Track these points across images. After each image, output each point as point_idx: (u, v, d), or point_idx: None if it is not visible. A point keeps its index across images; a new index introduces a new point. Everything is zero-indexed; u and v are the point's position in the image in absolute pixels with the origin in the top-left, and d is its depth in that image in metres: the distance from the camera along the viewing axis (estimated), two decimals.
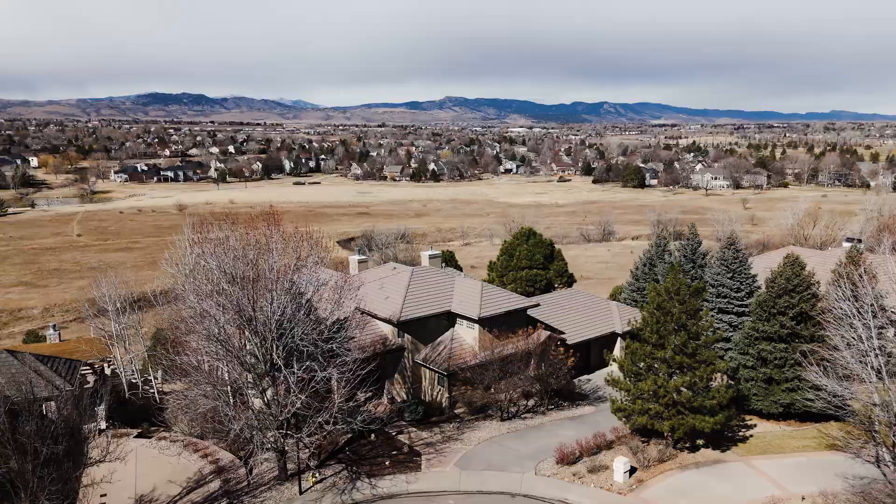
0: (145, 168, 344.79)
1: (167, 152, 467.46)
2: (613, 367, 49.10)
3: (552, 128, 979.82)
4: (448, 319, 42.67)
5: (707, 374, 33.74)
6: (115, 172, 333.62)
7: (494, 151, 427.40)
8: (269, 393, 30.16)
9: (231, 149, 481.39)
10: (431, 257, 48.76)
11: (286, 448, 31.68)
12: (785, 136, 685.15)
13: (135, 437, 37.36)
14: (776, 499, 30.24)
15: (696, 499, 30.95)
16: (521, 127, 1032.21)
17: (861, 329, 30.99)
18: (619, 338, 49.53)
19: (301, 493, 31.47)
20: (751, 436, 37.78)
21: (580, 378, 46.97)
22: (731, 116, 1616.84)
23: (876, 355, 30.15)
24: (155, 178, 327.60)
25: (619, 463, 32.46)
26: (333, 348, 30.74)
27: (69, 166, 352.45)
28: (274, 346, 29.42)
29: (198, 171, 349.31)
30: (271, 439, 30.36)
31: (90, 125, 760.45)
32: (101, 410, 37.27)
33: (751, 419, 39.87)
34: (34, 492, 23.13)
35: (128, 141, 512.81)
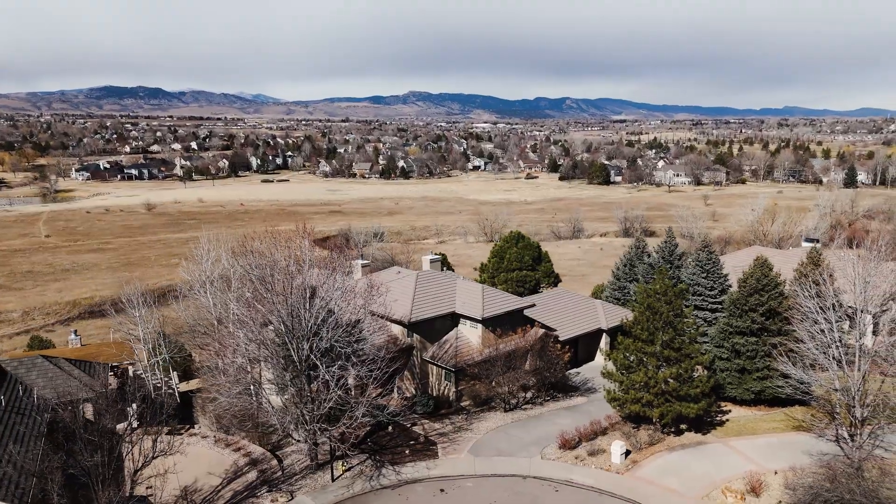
0: (107, 166, 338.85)
1: (127, 149, 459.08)
2: (599, 362, 53.41)
3: (516, 123, 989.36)
4: (452, 320, 46.16)
5: (691, 366, 37.99)
6: (77, 170, 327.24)
7: (462, 148, 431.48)
8: (304, 390, 33.18)
9: (194, 145, 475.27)
10: (432, 261, 52.11)
11: (318, 440, 34.73)
12: (741, 131, 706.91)
13: (166, 434, 39.80)
14: (752, 473, 34.54)
15: (684, 476, 35.15)
16: (485, 122, 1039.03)
17: (824, 324, 35.56)
18: (604, 334, 53.69)
19: (333, 480, 34.66)
20: (727, 420, 42.25)
21: (569, 371, 50.92)
22: (689, 112, 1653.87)
23: (837, 347, 34.73)
24: (118, 177, 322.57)
25: (616, 446, 36.50)
26: (364, 349, 33.95)
27: (27, 164, 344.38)
28: (311, 348, 32.47)
29: (162, 168, 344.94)
30: (304, 433, 33.37)
31: (42, 120, 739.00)
32: (132, 410, 39.61)
33: (726, 406, 44.33)
34: (119, 483, 25.86)
35: (85, 137, 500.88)
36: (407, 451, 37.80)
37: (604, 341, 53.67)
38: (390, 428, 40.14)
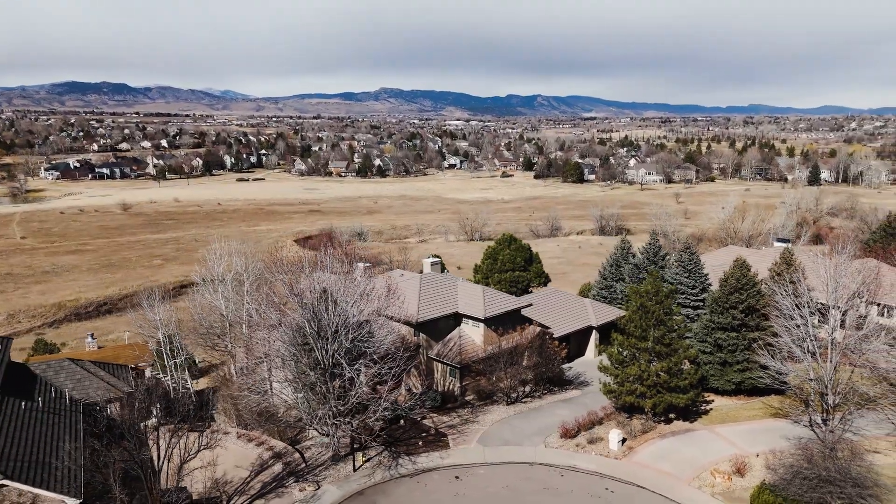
0: (77, 165, 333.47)
1: (95, 147, 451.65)
2: (589, 357, 56.81)
3: (488, 121, 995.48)
4: (454, 319, 48.98)
5: (680, 360, 41.38)
6: (46, 169, 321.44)
7: (437, 146, 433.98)
8: (328, 386, 35.66)
9: (164, 143, 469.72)
10: (433, 264, 54.84)
11: (339, 433, 37.22)
12: (708, 129, 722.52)
13: (188, 431, 41.83)
14: (737, 456, 38.11)
15: (676, 460, 38.54)
16: (457, 120, 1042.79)
17: (799, 320, 39.23)
18: (594, 330, 56.99)
19: (355, 469, 37.24)
20: (711, 409, 45.83)
21: (561, 366, 54.04)
22: (658, 109, 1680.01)
23: (811, 341, 38.42)
24: (89, 176, 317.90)
25: (614, 434, 39.73)
26: (383, 348, 36.57)
27: None
28: (337, 348, 34.97)
29: (134, 167, 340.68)
30: (332, 427, 35.84)
31: (3, 117, 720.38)
32: (155, 409, 41.59)
33: (709, 396, 47.90)
34: (170, 476, 28.15)
35: (51, 135, 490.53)
36: (420, 443, 40.53)
37: (594, 337, 56.96)
38: (402, 421, 42.80)
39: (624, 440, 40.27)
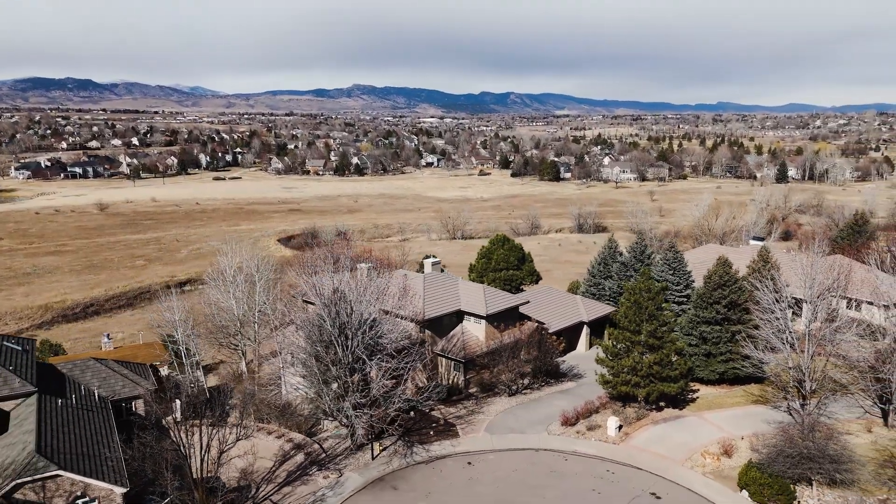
0: (49, 164, 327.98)
1: (64, 145, 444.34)
2: (581, 351, 59.93)
3: (463, 118, 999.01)
4: (457, 317, 51.65)
5: (670, 351, 44.65)
6: (16, 169, 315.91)
7: (414, 145, 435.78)
8: (348, 381, 38.08)
9: (135, 141, 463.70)
10: (433, 264, 57.42)
11: (362, 424, 39.66)
12: (679, 126, 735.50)
13: (209, 425, 43.81)
14: (724, 439, 41.49)
15: (669, 444, 41.79)
16: (431, 117, 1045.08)
17: (779, 313, 42.73)
18: (585, 326, 60.14)
19: (373, 458, 39.75)
20: (698, 397, 49.26)
21: (557, 360, 57.04)
22: (629, 107, 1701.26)
23: (790, 333, 41.94)
24: (62, 175, 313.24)
25: (612, 422, 42.84)
26: (401, 344, 39.13)
27: None
28: (356, 345, 37.39)
29: (107, 166, 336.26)
30: (355, 419, 38.26)
31: None
32: (177, 405, 43.52)
33: (695, 385, 51.36)
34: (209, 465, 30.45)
35: (18, 133, 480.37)
36: (431, 433, 43.18)
37: (585, 332, 60.10)
38: (412, 413, 45.37)
39: (621, 427, 43.39)
